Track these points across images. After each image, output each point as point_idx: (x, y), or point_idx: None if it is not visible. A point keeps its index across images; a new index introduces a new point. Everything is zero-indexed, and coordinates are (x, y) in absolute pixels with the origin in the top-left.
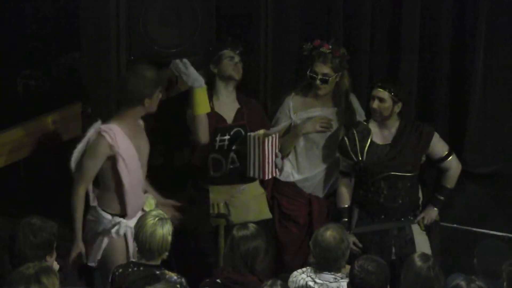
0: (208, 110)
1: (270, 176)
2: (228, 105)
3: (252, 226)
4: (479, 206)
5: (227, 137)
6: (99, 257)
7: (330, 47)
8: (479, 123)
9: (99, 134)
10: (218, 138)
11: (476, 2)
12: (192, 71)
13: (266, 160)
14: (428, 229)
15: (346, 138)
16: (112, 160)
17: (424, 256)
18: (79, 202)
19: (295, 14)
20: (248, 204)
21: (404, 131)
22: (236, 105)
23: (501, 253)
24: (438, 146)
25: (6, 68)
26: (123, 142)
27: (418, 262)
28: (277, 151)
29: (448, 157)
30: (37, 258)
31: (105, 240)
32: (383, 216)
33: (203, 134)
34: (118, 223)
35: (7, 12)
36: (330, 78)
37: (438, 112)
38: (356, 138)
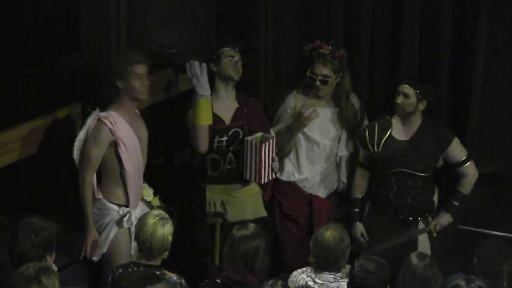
0: (210, 122)
1: (266, 180)
2: (226, 106)
3: (251, 226)
4: (479, 206)
5: (224, 138)
6: (105, 250)
7: (330, 48)
8: (479, 123)
9: (99, 120)
10: (216, 139)
11: (476, 2)
12: (204, 78)
13: (263, 165)
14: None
15: (366, 129)
16: (114, 146)
17: (421, 255)
18: (88, 191)
19: (295, 14)
20: (246, 203)
21: (425, 130)
22: (235, 105)
23: (501, 253)
24: (457, 150)
25: (6, 67)
26: (123, 127)
27: (414, 261)
28: (274, 155)
29: (466, 163)
30: (37, 258)
31: (112, 232)
32: (391, 212)
33: (202, 144)
34: (128, 212)
35: (7, 12)
36: (330, 79)
37: (438, 111)
38: (376, 130)
